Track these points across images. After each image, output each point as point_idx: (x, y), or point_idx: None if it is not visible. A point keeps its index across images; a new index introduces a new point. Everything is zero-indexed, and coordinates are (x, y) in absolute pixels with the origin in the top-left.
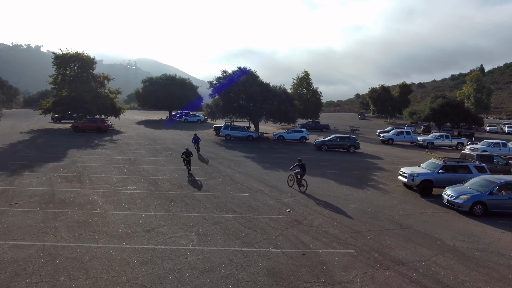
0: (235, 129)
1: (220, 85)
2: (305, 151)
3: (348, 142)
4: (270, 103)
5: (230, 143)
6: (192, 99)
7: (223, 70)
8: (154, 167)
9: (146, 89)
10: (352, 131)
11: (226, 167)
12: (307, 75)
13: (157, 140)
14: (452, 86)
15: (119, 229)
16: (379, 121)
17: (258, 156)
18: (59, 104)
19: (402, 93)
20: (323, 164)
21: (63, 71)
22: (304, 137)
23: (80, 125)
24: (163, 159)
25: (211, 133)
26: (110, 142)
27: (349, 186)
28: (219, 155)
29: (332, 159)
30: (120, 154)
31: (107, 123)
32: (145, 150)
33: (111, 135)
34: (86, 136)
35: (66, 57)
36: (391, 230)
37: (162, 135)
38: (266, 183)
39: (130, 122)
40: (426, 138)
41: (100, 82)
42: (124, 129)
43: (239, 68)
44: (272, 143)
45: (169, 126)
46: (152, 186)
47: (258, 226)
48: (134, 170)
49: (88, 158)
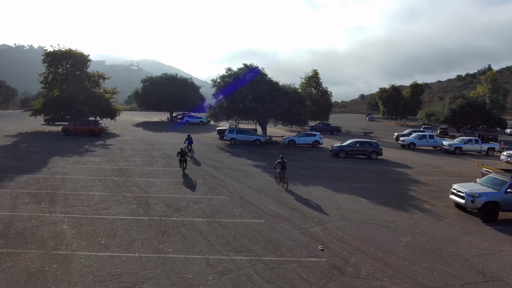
0: (241, 132)
1: (225, 84)
2: (321, 158)
3: (369, 148)
4: (280, 104)
5: (236, 148)
6: (194, 100)
7: (228, 68)
8: (148, 180)
9: (145, 89)
10: (365, 133)
11: (232, 180)
12: (316, 74)
13: (155, 145)
14: (460, 86)
15: (84, 284)
16: (389, 122)
17: (269, 165)
18: (49, 105)
19: (414, 94)
20: (346, 175)
21: (54, 69)
22: (317, 142)
23: (71, 128)
24: (159, 170)
25: (215, 136)
26: (101, 148)
27: (388, 207)
28: (224, 164)
29: (355, 168)
30: (110, 163)
31: (101, 126)
32: (140, 157)
33: (104, 139)
34: (76, 140)
35: (57, 54)
36: (474, 285)
37: (161, 139)
38: (283, 202)
39: (128, 124)
40: (453, 142)
41: (94, 81)
42: (120, 131)
43: (245, 66)
44: (282, 148)
45: (174, 129)
46: (142, 209)
47: (285, 279)
48: (122, 184)
49: (71, 169)
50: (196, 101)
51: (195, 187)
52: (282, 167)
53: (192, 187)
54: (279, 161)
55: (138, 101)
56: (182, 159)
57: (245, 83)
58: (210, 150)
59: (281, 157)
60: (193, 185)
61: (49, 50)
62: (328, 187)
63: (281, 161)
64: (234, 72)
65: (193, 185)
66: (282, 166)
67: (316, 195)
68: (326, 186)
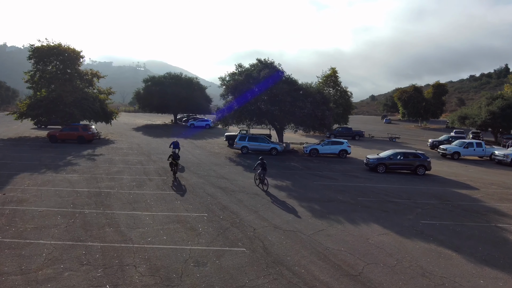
0: (254, 139)
1: (235, 83)
2: (356, 174)
3: (415, 161)
4: (302, 106)
5: (249, 159)
6: (200, 101)
7: (238, 64)
8: (132, 213)
9: (147, 90)
10: (390, 139)
11: (250, 212)
12: (334, 72)
13: (152, 155)
14: (477, 87)
15: None
16: (409, 125)
17: (295, 185)
18: (35, 107)
19: (436, 94)
20: (402, 204)
21: (42, 67)
22: (344, 151)
23: (57, 134)
24: (150, 195)
25: (223, 143)
26: (86, 160)
27: (502, 272)
28: (236, 184)
29: (406, 190)
30: (90, 183)
31: (92, 131)
32: (130, 173)
33: (94, 147)
34: (60, 149)
35: (45, 49)
36: None
37: (161, 146)
38: (333, 261)
39: (127, 128)
40: (509, 152)
41: (87, 80)
42: (116, 137)
43: (259, 61)
44: (303, 158)
45: (177, 134)
46: (110, 279)
47: None
48: (94, 223)
49: (34, 193)
50: (202, 102)
51: (198, 227)
52: (263, 169)
53: (194, 228)
54: (259, 162)
55: (139, 102)
56: (173, 163)
57: (259, 81)
58: (218, 162)
59: (261, 158)
60: (195, 223)
61: (36, 46)
62: (386, 226)
63: (261, 162)
64: (246, 69)
65: (195, 223)
66: (263, 168)
67: (377, 244)
68: (383, 223)
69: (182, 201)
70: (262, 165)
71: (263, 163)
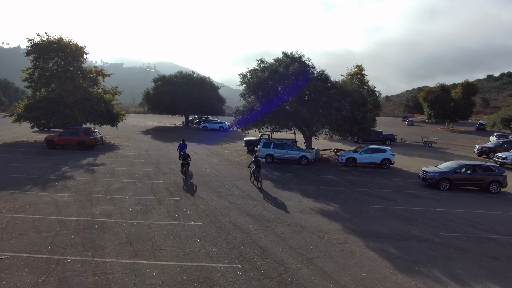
0: (280, 146)
1: (257, 81)
2: (413, 190)
3: (488, 176)
4: (339, 108)
5: (276, 170)
6: (212, 102)
7: (260, 59)
8: (133, 262)
9: (157, 90)
10: (425, 143)
11: (303, 263)
12: (361, 69)
13: (162, 166)
14: (498, 87)
15: None
16: (434, 127)
17: (346, 211)
18: (32, 109)
19: (465, 94)
20: (502, 241)
21: (42, 64)
22: (388, 160)
23: (56, 139)
24: (159, 226)
25: (241, 149)
26: (85, 171)
27: None
28: (271, 209)
29: (491, 216)
30: (82, 207)
31: (95, 136)
32: (135, 191)
33: (96, 154)
34: (57, 157)
35: (44, 44)
36: None
37: (171, 153)
38: None
39: (135, 131)
40: None
41: (91, 78)
42: (122, 142)
43: (285, 55)
44: (338, 169)
45: (190, 137)
46: None
47: None
48: (74, 282)
49: (6, 222)
50: (215, 103)
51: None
52: (257, 166)
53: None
54: (254, 160)
55: (149, 103)
56: (184, 162)
57: (288, 78)
58: (240, 175)
59: (255, 156)
60: (226, 283)
61: (36, 41)
62: None
63: (256, 160)
64: (270, 64)
65: (226, 283)
66: (257, 165)
67: None
68: (506, 284)
69: (202, 238)
70: (257, 162)
71: (257, 161)
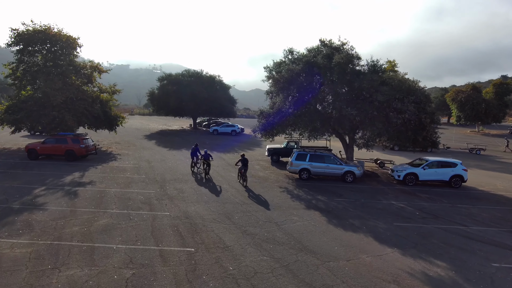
0: (318, 159)
1: (288, 76)
2: None
3: None
4: (401, 110)
5: (319, 192)
6: (223, 102)
7: (289, 49)
8: None
9: (163, 90)
10: (471, 150)
11: None
12: (393, 66)
13: (167, 184)
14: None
15: None
16: (463, 130)
17: (462, 274)
18: (14, 110)
19: (498, 94)
20: None
21: (28, 58)
22: (459, 177)
23: (39, 148)
24: None
25: (262, 158)
26: (63, 195)
27: None
28: (341, 273)
29: None
30: (34, 274)
31: (86, 144)
32: (126, 236)
33: (86, 167)
34: (36, 171)
35: (29, 34)
36: None
37: (180, 166)
38: None
39: (138, 135)
40: None
41: (86, 75)
42: (121, 149)
43: (322, 43)
44: (397, 189)
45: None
46: None
47: None
48: None
49: None
50: (225, 103)
51: None
52: (244, 165)
53: None
54: (241, 159)
55: (153, 104)
56: (205, 162)
57: (329, 71)
58: (273, 199)
59: (242, 155)
60: None
61: (20, 30)
62: None
63: (242, 159)
64: (303, 55)
65: None
66: (244, 164)
67: None
68: None
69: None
70: (243, 161)
71: (244, 160)
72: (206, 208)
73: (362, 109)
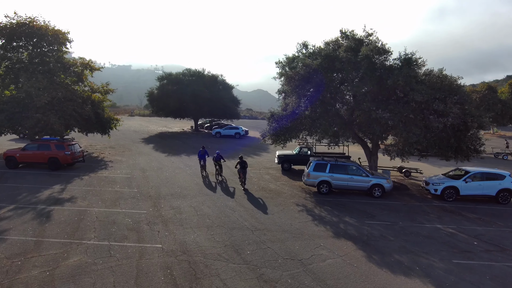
0: (340, 169)
1: (306, 73)
2: None
3: None
4: (443, 111)
5: (344, 211)
6: (226, 103)
7: (303, 42)
8: None
9: (162, 89)
10: (497, 155)
11: None
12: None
13: (162, 201)
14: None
15: None
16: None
17: None
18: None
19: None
20: None
21: (11, 54)
22: (509, 192)
23: (18, 155)
24: None
25: (272, 165)
26: (33, 218)
27: None
28: None
29: None
30: None
31: (72, 150)
32: (100, 283)
33: (70, 178)
34: (11, 183)
35: (12, 28)
36: None
37: (179, 176)
38: None
39: (135, 139)
40: None
41: (76, 73)
42: (114, 155)
43: (343, 34)
44: (436, 206)
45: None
46: None
47: None
48: None
49: None
50: (229, 104)
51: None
52: (242, 167)
53: None
54: (239, 161)
55: (152, 105)
56: (216, 164)
57: (356, 65)
58: (289, 222)
59: (240, 157)
60: None
61: (3, 24)
62: None
63: (241, 161)
64: (320, 49)
65: None
66: (242, 166)
67: None
68: None
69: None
70: (242, 163)
71: (242, 162)
72: (208, 236)
73: (395, 111)
